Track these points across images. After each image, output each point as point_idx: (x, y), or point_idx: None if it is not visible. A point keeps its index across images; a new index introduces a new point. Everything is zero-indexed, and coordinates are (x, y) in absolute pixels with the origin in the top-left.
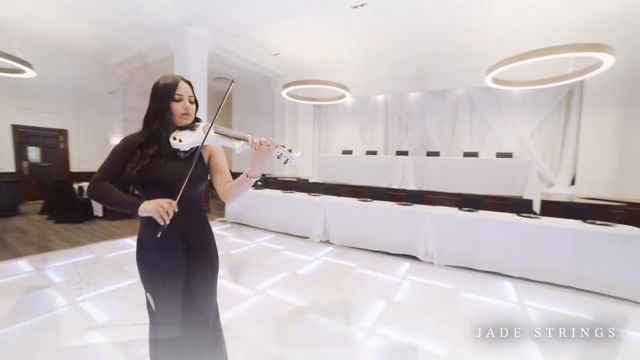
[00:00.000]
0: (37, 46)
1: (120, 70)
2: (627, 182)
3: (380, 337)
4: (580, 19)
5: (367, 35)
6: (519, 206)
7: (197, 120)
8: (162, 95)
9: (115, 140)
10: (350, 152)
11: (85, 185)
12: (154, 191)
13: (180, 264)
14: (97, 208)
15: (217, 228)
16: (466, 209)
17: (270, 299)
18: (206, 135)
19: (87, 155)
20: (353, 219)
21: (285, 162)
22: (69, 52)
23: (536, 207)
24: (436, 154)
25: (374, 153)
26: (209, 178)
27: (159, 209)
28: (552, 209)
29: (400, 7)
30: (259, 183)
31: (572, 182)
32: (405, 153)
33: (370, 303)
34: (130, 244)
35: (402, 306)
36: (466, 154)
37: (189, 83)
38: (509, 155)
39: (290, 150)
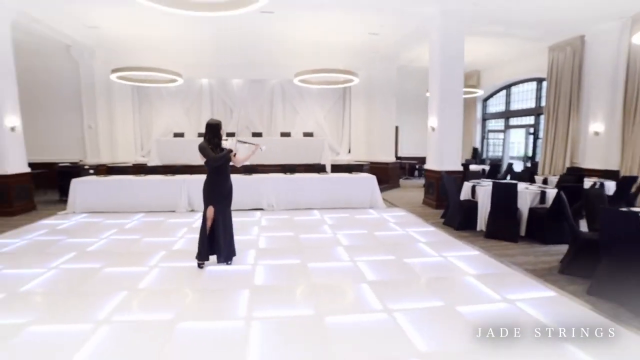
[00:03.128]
0: None
1: None
2: (371, 149)
3: (265, 266)
4: (349, 43)
5: (196, 25)
6: (318, 169)
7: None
8: (217, 129)
9: None
10: (182, 135)
11: None
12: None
13: (227, 195)
14: None
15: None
16: (289, 174)
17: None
18: (235, 144)
19: None
20: None
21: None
22: None
23: (328, 169)
24: (259, 134)
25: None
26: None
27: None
28: (336, 169)
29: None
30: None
31: (349, 151)
32: (233, 134)
33: (250, 245)
34: None
35: (272, 238)
36: (282, 134)
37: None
38: (310, 134)
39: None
